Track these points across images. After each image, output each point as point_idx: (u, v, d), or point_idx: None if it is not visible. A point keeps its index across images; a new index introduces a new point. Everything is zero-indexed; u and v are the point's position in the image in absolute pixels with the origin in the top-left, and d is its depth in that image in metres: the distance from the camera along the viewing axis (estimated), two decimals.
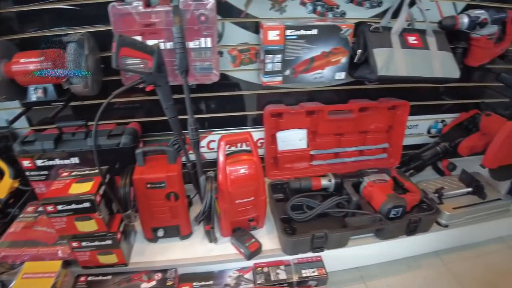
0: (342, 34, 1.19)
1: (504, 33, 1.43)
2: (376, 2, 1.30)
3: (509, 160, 1.32)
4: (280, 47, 1.18)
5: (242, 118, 1.45)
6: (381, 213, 1.25)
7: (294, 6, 1.25)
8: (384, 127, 1.47)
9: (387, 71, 1.18)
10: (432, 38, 1.28)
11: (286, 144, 1.39)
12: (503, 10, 1.38)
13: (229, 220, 1.22)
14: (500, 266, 1.48)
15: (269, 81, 1.23)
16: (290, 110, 1.32)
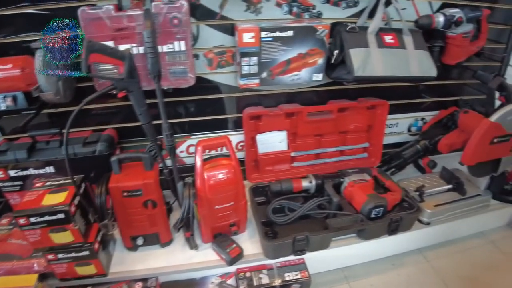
0: (318, 35, 1.18)
1: (479, 31, 1.45)
2: (352, 2, 1.30)
3: (486, 156, 1.33)
4: (255, 49, 1.16)
5: (222, 121, 1.43)
6: (362, 214, 1.25)
7: (270, 7, 1.24)
8: (363, 127, 1.47)
9: (363, 71, 1.18)
10: (409, 37, 1.28)
11: (266, 146, 1.37)
12: (478, 9, 1.39)
13: (209, 226, 1.20)
14: (481, 261, 1.50)
15: (246, 83, 1.22)
16: (268, 113, 1.30)
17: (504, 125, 1.27)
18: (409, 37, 1.28)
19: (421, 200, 1.40)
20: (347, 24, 1.22)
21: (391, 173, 1.54)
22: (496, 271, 1.45)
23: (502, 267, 1.48)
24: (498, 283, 1.40)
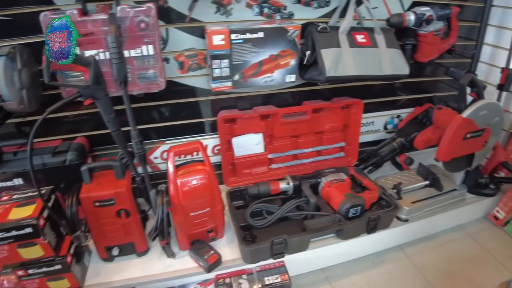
0: (289, 36, 1.17)
1: (449, 29, 1.47)
2: (324, 1, 1.29)
3: (460, 152, 1.35)
4: (226, 51, 1.14)
5: (197, 125, 1.40)
6: (340, 213, 1.25)
7: (240, 9, 1.22)
8: (339, 127, 1.47)
9: (335, 71, 1.17)
10: (381, 36, 1.28)
11: (242, 149, 1.36)
12: (447, 7, 1.41)
13: (185, 234, 1.17)
14: (460, 254, 1.52)
15: (219, 86, 1.20)
16: (243, 115, 1.28)
17: (476, 120, 1.29)
18: (381, 36, 1.28)
19: (398, 198, 1.41)
20: (318, 24, 1.22)
21: (369, 171, 1.55)
22: (474, 263, 1.48)
23: (480, 259, 1.51)
24: (477, 275, 1.42)
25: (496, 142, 1.48)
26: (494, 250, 1.56)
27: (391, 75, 1.27)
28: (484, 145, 1.39)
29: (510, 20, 1.50)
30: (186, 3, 1.18)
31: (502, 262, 1.50)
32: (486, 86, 1.45)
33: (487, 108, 1.30)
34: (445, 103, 1.59)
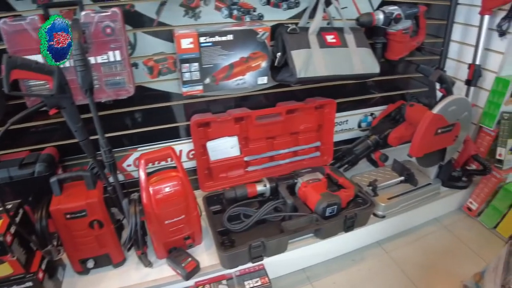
0: (259, 38, 1.16)
1: (418, 27, 1.50)
2: (293, 2, 1.29)
3: (432, 147, 1.37)
4: (195, 55, 1.13)
5: (171, 130, 1.38)
6: (316, 213, 1.25)
7: (209, 12, 1.20)
8: (313, 127, 1.47)
9: (306, 72, 1.17)
10: (350, 36, 1.29)
11: (218, 153, 1.34)
12: (415, 5, 1.43)
13: (161, 242, 1.15)
14: (437, 246, 1.56)
15: (189, 90, 1.18)
16: (216, 119, 1.27)
17: (446, 116, 1.32)
18: (351, 35, 1.29)
19: (374, 194, 1.43)
20: (288, 25, 1.21)
21: (345, 169, 1.56)
22: (451, 255, 1.52)
23: (456, 250, 1.55)
24: (453, 266, 1.46)
25: (466, 136, 1.52)
26: (469, 241, 1.60)
27: (362, 74, 1.28)
28: (455, 139, 1.43)
29: (475, 17, 1.54)
30: (153, 7, 1.16)
31: (477, 252, 1.54)
32: (455, 82, 1.48)
33: (456, 103, 1.33)
34: (417, 100, 1.63)
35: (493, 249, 1.55)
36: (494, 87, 1.57)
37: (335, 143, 1.62)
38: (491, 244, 1.61)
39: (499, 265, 1.04)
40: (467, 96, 1.61)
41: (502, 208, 1.65)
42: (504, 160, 1.62)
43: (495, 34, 1.53)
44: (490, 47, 1.57)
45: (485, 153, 1.69)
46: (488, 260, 1.46)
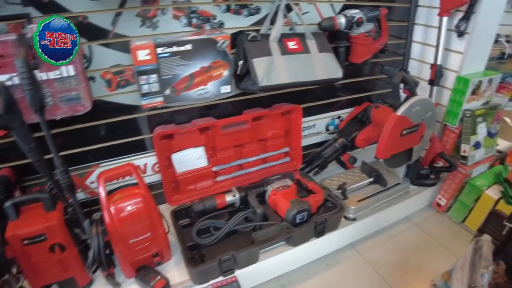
0: (219, 46, 1.13)
1: (380, 29, 1.51)
2: (254, 9, 1.28)
3: (399, 148, 1.39)
4: (153, 66, 1.09)
5: (133, 144, 1.33)
6: (287, 221, 1.24)
7: (167, 21, 1.17)
8: (281, 133, 1.46)
9: (268, 80, 1.16)
10: (312, 41, 1.29)
11: (184, 165, 1.30)
12: (376, 8, 1.45)
13: (128, 261, 1.11)
14: (409, 244, 1.58)
15: (149, 103, 1.14)
16: (180, 130, 1.23)
17: (411, 117, 1.33)
18: (313, 40, 1.29)
19: (344, 198, 1.43)
20: (248, 33, 1.19)
21: (314, 173, 1.56)
22: (423, 252, 1.55)
23: (427, 246, 1.58)
24: (426, 262, 1.49)
25: (432, 134, 1.55)
26: (439, 237, 1.64)
27: (325, 80, 1.28)
28: (421, 139, 1.45)
29: (434, 19, 1.57)
30: (108, 18, 1.11)
31: (447, 247, 1.58)
32: (419, 82, 1.51)
33: (420, 104, 1.35)
34: (383, 101, 1.64)
35: (463, 242, 1.59)
36: (456, 86, 1.61)
37: (304, 148, 1.62)
38: (461, 238, 1.65)
39: (466, 264, 1.06)
40: (430, 95, 1.64)
41: (469, 203, 1.70)
42: (468, 156, 1.66)
43: (454, 35, 1.57)
44: (450, 47, 1.61)
45: (450, 150, 1.74)
46: (458, 254, 1.50)
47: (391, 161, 1.43)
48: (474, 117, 1.63)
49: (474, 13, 1.48)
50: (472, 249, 1.08)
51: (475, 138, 1.66)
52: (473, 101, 1.64)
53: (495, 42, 1.69)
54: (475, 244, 1.09)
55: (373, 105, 1.49)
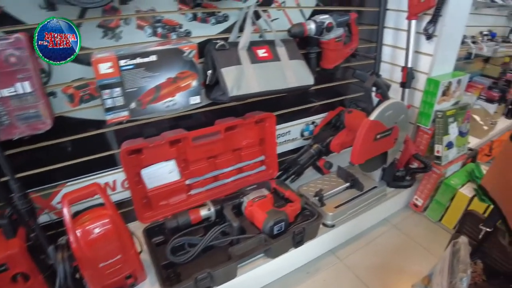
0: (185, 56, 1.09)
1: (351, 34, 1.51)
2: (221, 16, 1.24)
3: (373, 153, 1.39)
4: (116, 79, 1.03)
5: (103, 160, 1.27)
6: (264, 232, 1.21)
7: (131, 31, 1.12)
8: (255, 141, 1.43)
9: (238, 90, 1.13)
10: (282, 48, 1.27)
11: (155, 180, 1.25)
12: (346, 13, 1.44)
13: (99, 286, 1.04)
14: (388, 247, 1.59)
15: (114, 117, 1.08)
16: (148, 144, 1.18)
17: (383, 121, 1.33)
18: (283, 48, 1.27)
19: (321, 204, 1.42)
20: (216, 41, 1.16)
21: (291, 180, 1.54)
22: (402, 253, 1.56)
23: (407, 247, 1.59)
24: (405, 264, 1.50)
25: (406, 136, 1.56)
26: (417, 237, 1.65)
27: (296, 87, 1.26)
28: (395, 142, 1.45)
29: (404, 22, 1.59)
30: None
31: (426, 247, 1.59)
32: (390, 85, 1.52)
33: (392, 108, 1.35)
34: (356, 105, 1.65)
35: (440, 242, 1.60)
36: (427, 88, 1.63)
37: (280, 155, 1.60)
38: (438, 237, 1.68)
39: (444, 268, 1.06)
40: (402, 98, 1.66)
41: (445, 202, 1.73)
42: (442, 156, 1.69)
43: (423, 38, 1.59)
44: (420, 49, 1.63)
45: (424, 151, 1.76)
46: (437, 253, 1.52)
47: (366, 165, 1.43)
48: (445, 118, 1.65)
49: (441, 16, 1.50)
50: (450, 253, 1.08)
51: (448, 138, 1.69)
52: (444, 102, 1.67)
53: (461, 43, 1.73)
54: (452, 247, 1.09)
55: (346, 110, 1.49)
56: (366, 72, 1.52)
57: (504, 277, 1.14)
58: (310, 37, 1.36)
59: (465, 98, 1.86)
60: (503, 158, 0.89)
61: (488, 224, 1.03)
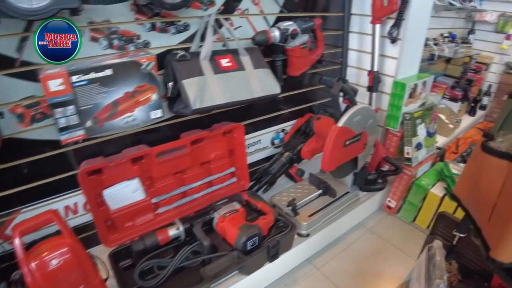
0: (143, 69, 1.03)
1: (316, 40, 1.50)
2: (182, 25, 1.19)
3: (343, 159, 1.37)
4: (68, 97, 0.96)
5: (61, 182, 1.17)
6: (237, 249, 1.16)
7: (84, 44, 1.04)
8: (224, 153, 1.37)
9: (202, 102, 1.08)
10: (246, 57, 1.23)
11: (118, 201, 1.17)
12: (310, 19, 1.43)
13: None
14: (365, 251, 1.58)
15: (69, 137, 1.00)
16: (108, 164, 1.10)
17: (352, 127, 1.32)
18: (247, 56, 1.23)
19: (295, 214, 1.39)
20: (177, 52, 1.11)
21: (264, 190, 1.50)
22: (379, 257, 1.56)
23: (383, 250, 1.59)
24: (383, 267, 1.50)
25: (375, 140, 1.56)
26: (393, 239, 1.66)
27: (262, 97, 1.22)
28: (365, 147, 1.45)
29: (368, 26, 1.60)
30: (12, 44, 0.97)
31: (401, 249, 1.60)
32: (357, 90, 1.51)
33: (360, 113, 1.35)
34: (325, 111, 1.64)
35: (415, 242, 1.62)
36: (393, 91, 1.64)
37: (252, 164, 1.56)
38: (413, 238, 1.69)
39: (421, 274, 1.05)
40: (370, 101, 1.66)
41: (417, 202, 1.75)
42: (412, 157, 1.71)
43: (388, 41, 1.61)
44: (385, 53, 1.65)
45: (394, 153, 1.77)
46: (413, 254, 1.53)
47: (338, 171, 1.42)
48: (413, 119, 1.67)
49: (404, 20, 1.52)
50: (425, 258, 1.07)
51: (416, 139, 1.71)
52: (411, 104, 1.69)
53: (424, 46, 1.76)
54: (427, 252, 1.09)
55: (314, 117, 1.47)
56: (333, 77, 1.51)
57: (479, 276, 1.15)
58: (275, 44, 1.33)
59: (430, 98, 1.89)
60: (474, 167, 0.88)
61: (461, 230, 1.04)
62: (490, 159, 0.81)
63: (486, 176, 0.83)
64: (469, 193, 0.91)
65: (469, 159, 0.93)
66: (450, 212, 1.52)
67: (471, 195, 0.90)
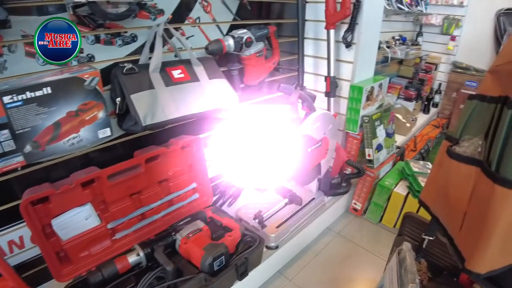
0: (87, 85, 0.95)
1: (271, 47, 1.48)
2: (129, 37, 1.12)
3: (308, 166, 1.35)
4: (1, 120, 0.86)
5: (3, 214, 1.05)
6: (204, 271, 1.09)
7: (19, 60, 0.95)
8: (184, 169, 1.29)
9: (153, 118, 1.01)
10: (200, 67, 1.18)
11: (70, 230, 1.06)
12: (265, 27, 1.41)
13: None
14: (335, 256, 1.57)
15: (5, 165, 0.90)
16: (55, 191, 1.00)
17: (313, 134, 1.31)
18: (201, 67, 1.18)
19: (262, 227, 1.34)
20: (124, 65, 1.03)
21: (229, 204, 1.44)
22: (350, 261, 1.55)
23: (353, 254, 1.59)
24: (355, 272, 1.49)
25: (336, 144, 1.56)
26: (361, 241, 1.67)
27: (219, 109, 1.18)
28: (327, 152, 1.44)
29: (323, 32, 1.61)
30: None
31: (371, 250, 1.60)
32: (315, 96, 1.51)
33: (320, 119, 1.34)
34: None
35: (384, 242, 1.65)
36: (351, 95, 1.66)
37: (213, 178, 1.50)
38: (381, 238, 1.71)
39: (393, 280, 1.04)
40: (328, 106, 1.67)
41: (382, 203, 1.77)
42: (373, 159, 1.72)
43: (343, 46, 1.62)
44: (340, 58, 1.67)
45: (356, 156, 1.79)
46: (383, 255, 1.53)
47: (302, 179, 1.40)
48: (372, 122, 1.70)
49: (358, 24, 1.54)
50: (396, 262, 1.06)
51: (377, 141, 1.74)
52: (368, 107, 1.72)
53: (378, 49, 1.80)
54: (398, 256, 1.08)
55: None
56: (291, 84, 1.50)
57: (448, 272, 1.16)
58: (230, 53, 1.30)
59: (387, 99, 1.94)
60: (441, 173, 0.85)
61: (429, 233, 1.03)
62: (458, 166, 0.76)
63: (454, 183, 0.79)
64: (438, 200, 0.88)
65: (434, 165, 0.90)
66: (414, 210, 1.56)
67: (440, 203, 0.87)
